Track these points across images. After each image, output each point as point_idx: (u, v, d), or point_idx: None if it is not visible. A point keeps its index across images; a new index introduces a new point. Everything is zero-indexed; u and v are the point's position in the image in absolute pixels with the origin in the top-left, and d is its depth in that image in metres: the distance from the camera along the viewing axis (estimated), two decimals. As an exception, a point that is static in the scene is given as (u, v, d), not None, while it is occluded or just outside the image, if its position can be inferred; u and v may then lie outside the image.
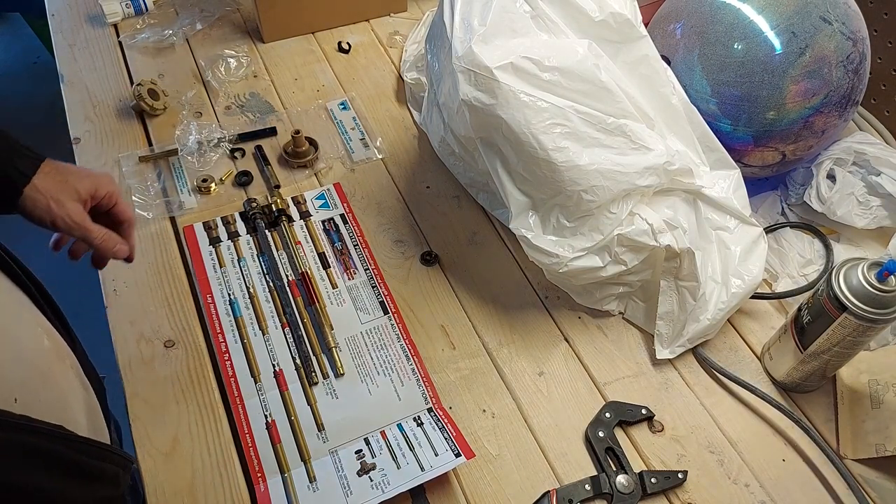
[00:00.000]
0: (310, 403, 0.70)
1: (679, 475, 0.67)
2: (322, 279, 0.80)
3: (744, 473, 0.68)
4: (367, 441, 0.67)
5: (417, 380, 0.72)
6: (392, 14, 1.14)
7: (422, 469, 0.64)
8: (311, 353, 0.73)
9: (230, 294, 0.77)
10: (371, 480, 0.64)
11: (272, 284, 0.78)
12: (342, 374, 0.72)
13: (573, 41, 0.72)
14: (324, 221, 0.85)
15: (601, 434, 0.69)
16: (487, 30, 0.69)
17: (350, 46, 1.08)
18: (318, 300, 0.77)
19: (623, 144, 0.71)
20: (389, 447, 0.66)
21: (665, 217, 0.73)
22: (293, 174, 0.91)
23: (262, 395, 0.70)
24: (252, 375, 0.71)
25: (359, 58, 1.07)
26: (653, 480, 0.66)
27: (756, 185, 0.89)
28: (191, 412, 0.69)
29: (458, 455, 0.65)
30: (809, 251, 0.84)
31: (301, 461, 0.66)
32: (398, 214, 0.87)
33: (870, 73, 0.83)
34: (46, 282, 0.64)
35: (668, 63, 0.81)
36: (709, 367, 0.75)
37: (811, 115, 0.80)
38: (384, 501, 0.62)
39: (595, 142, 0.70)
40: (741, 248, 0.76)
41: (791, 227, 0.86)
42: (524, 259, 0.81)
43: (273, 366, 0.72)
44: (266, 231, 0.83)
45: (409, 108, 1.00)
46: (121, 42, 1.06)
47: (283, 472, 0.65)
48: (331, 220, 0.85)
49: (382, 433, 0.68)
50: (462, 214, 0.88)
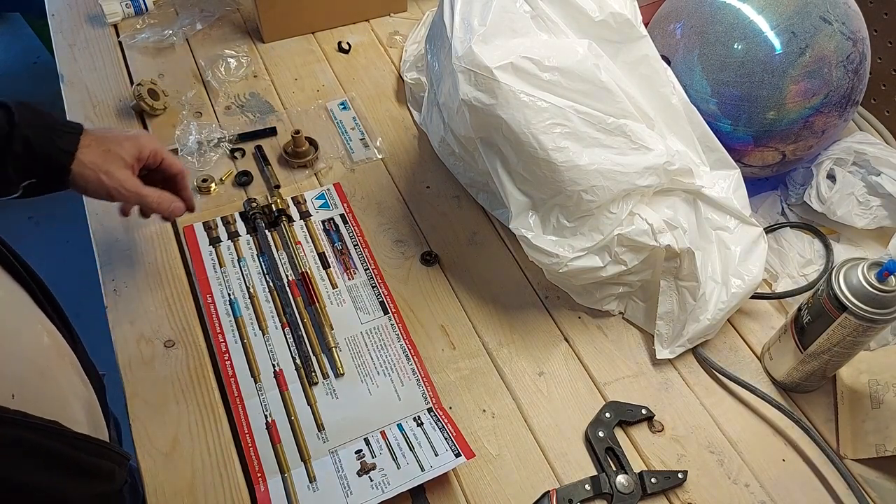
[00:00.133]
0: (310, 403, 0.70)
1: (679, 475, 0.67)
2: (322, 279, 0.80)
3: (744, 473, 0.68)
4: (367, 441, 0.67)
5: (417, 380, 0.72)
6: (392, 14, 1.14)
7: (422, 469, 0.64)
8: (311, 353, 0.73)
9: (230, 294, 0.77)
10: (371, 480, 0.64)
11: (272, 284, 0.78)
12: (342, 374, 0.72)
13: (573, 41, 0.72)
14: (324, 221, 0.85)
15: (601, 434, 0.69)
16: (487, 30, 0.69)
17: (350, 46, 1.08)
18: (318, 300, 0.77)
19: (623, 144, 0.71)
20: (389, 447, 0.66)
21: (665, 217, 0.73)
22: (293, 174, 0.91)
23: (262, 395, 0.70)
24: (252, 375, 0.71)
25: (359, 58, 1.07)
26: (653, 480, 0.66)
27: (756, 185, 0.89)
28: (191, 412, 0.69)
29: (458, 455, 0.65)
30: (809, 251, 0.84)
31: (301, 461, 0.66)
32: (398, 214, 0.87)
33: (870, 73, 0.83)
34: (47, 281, 0.64)
35: (668, 63, 0.81)
36: (709, 367, 0.75)
37: (811, 115, 0.80)
38: (384, 501, 0.62)
39: (595, 142, 0.70)
40: (741, 248, 0.76)
41: (791, 227, 0.86)
42: (524, 259, 0.82)
43: (273, 366, 0.72)
44: (266, 231, 0.83)
45: (409, 108, 1.00)
46: (121, 42, 1.06)
47: (283, 472, 0.65)
48: (331, 220, 0.85)
49: (382, 433, 0.68)
50: (462, 214, 0.88)
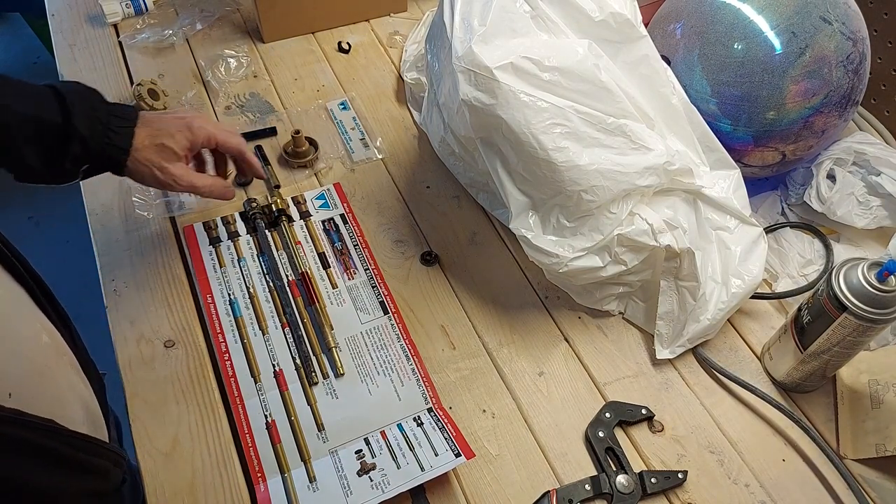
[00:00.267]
0: (310, 403, 0.70)
1: (679, 475, 0.67)
2: (322, 279, 0.80)
3: (744, 473, 0.68)
4: (367, 441, 0.67)
5: (417, 380, 0.72)
6: (392, 14, 1.14)
7: (422, 469, 0.64)
8: (311, 353, 0.73)
9: (230, 294, 0.77)
10: (371, 480, 0.64)
11: (272, 284, 0.78)
12: (342, 374, 0.72)
13: (573, 41, 0.72)
14: (324, 221, 0.85)
15: (601, 434, 0.69)
16: (487, 30, 0.69)
17: (350, 46, 1.08)
18: (318, 300, 0.77)
19: (623, 144, 0.71)
20: (389, 447, 0.66)
21: (665, 217, 0.73)
22: (293, 174, 0.91)
23: (262, 395, 0.70)
24: (252, 375, 0.71)
25: (359, 58, 1.07)
26: (653, 480, 0.66)
27: (756, 185, 0.89)
28: (191, 412, 0.69)
29: (458, 455, 0.65)
30: (809, 251, 0.84)
31: (301, 461, 0.66)
32: (398, 214, 0.87)
33: (870, 73, 0.83)
34: (47, 281, 0.64)
35: (668, 63, 0.81)
36: (709, 367, 0.75)
37: (811, 115, 0.80)
38: (384, 501, 0.62)
39: (595, 142, 0.70)
40: (741, 248, 0.76)
41: (791, 227, 0.86)
42: (524, 259, 0.81)
43: (273, 366, 0.72)
44: (266, 231, 0.83)
45: (409, 108, 1.00)
46: (121, 42, 1.06)
47: (283, 472, 0.65)
48: (331, 220, 0.85)
49: (382, 433, 0.68)
50: (462, 214, 0.88)
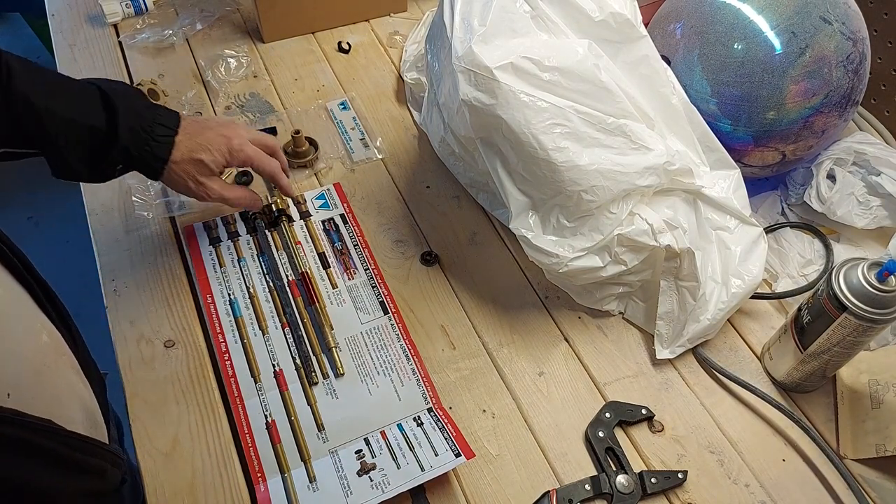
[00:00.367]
0: (310, 403, 0.70)
1: (679, 475, 0.67)
2: (322, 279, 0.80)
3: (744, 473, 0.68)
4: (367, 441, 0.67)
5: (417, 380, 0.72)
6: (392, 14, 1.14)
7: (422, 469, 0.64)
8: (311, 353, 0.73)
9: (230, 294, 0.77)
10: (371, 480, 0.64)
11: (272, 284, 0.78)
12: (342, 374, 0.72)
13: (573, 41, 0.72)
14: (324, 221, 0.85)
15: (601, 434, 0.69)
16: (487, 30, 0.69)
17: (350, 46, 1.08)
18: (318, 300, 0.77)
19: (623, 144, 0.71)
20: (389, 447, 0.66)
21: (665, 217, 0.73)
22: (293, 174, 0.91)
23: (262, 395, 0.70)
24: (252, 375, 0.71)
25: (359, 58, 1.07)
26: (653, 480, 0.66)
27: (756, 185, 0.89)
28: (191, 412, 0.69)
29: (458, 455, 0.65)
30: (809, 251, 0.84)
31: (301, 461, 0.66)
32: (398, 214, 0.87)
33: (870, 73, 0.83)
34: (47, 281, 0.64)
35: (668, 63, 0.81)
36: (709, 367, 0.75)
37: (811, 115, 0.80)
38: (384, 501, 0.62)
39: (595, 142, 0.70)
40: (741, 248, 0.76)
41: (791, 227, 0.86)
42: (524, 259, 0.81)
43: (273, 366, 0.72)
44: (266, 231, 0.83)
45: (409, 108, 1.00)
46: (121, 42, 1.06)
47: (283, 472, 0.65)
48: (331, 220, 0.85)
49: (382, 433, 0.68)
50: (462, 214, 0.88)
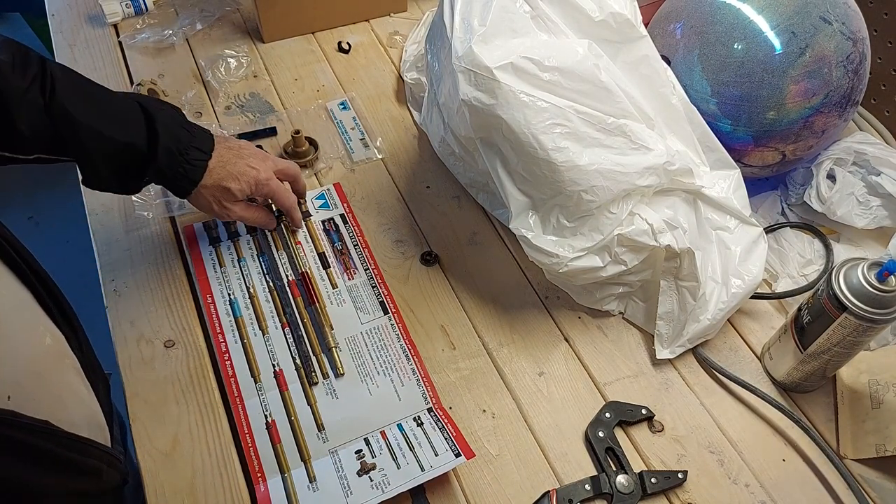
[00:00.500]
0: (310, 403, 0.70)
1: (679, 475, 0.67)
2: (322, 279, 0.80)
3: (744, 473, 0.68)
4: (367, 441, 0.67)
5: (417, 380, 0.72)
6: (392, 14, 1.14)
7: (422, 469, 0.64)
8: (311, 353, 0.73)
9: (230, 294, 0.77)
10: (371, 480, 0.64)
11: (272, 284, 0.78)
12: (342, 374, 0.72)
13: (573, 41, 0.72)
14: (324, 221, 0.85)
15: (601, 434, 0.69)
16: (487, 30, 0.69)
17: (350, 46, 1.08)
18: (318, 300, 0.77)
19: (623, 144, 0.71)
20: (389, 447, 0.66)
21: (665, 217, 0.73)
22: (293, 174, 0.91)
23: (262, 395, 0.70)
24: (252, 375, 0.71)
25: (359, 58, 1.07)
26: (653, 480, 0.66)
27: (756, 185, 0.89)
28: (191, 412, 0.69)
29: (458, 455, 0.65)
30: (809, 251, 0.84)
31: (301, 461, 0.66)
32: (398, 214, 0.87)
33: (870, 73, 0.83)
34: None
35: (668, 63, 0.81)
36: (709, 367, 0.75)
37: (811, 115, 0.80)
38: (384, 501, 0.62)
39: (595, 142, 0.70)
40: (741, 248, 0.76)
41: (791, 227, 0.86)
42: (524, 259, 0.81)
43: (273, 366, 0.72)
44: (266, 231, 0.83)
45: (409, 108, 1.00)
46: (121, 42, 1.06)
47: (283, 472, 0.65)
48: (331, 220, 0.85)
49: (382, 433, 0.68)
50: (462, 214, 0.88)
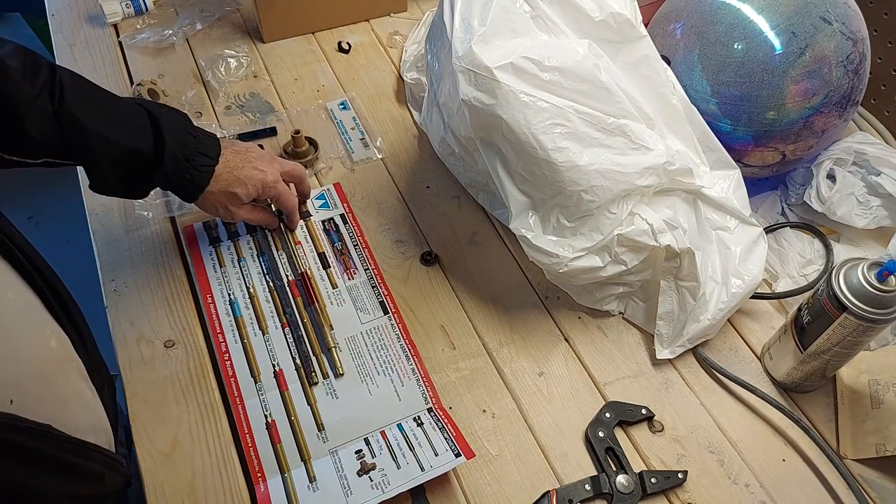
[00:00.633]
0: (310, 403, 0.70)
1: (679, 475, 0.67)
2: (322, 279, 0.80)
3: (744, 473, 0.68)
4: (367, 441, 0.67)
5: (417, 380, 0.72)
6: (392, 14, 1.14)
7: (422, 469, 0.64)
8: (311, 353, 0.73)
9: (230, 294, 0.77)
10: (371, 480, 0.64)
11: (272, 284, 0.78)
12: (342, 374, 0.72)
13: (573, 41, 0.72)
14: (324, 221, 0.85)
15: (601, 434, 0.69)
16: (487, 30, 0.69)
17: (350, 46, 1.08)
18: (318, 300, 0.77)
19: (623, 144, 0.71)
20: (389, 447, 0.66)
21: (665, 217, 0.73)
22: (293, 174, 0.91)
23: (262, 395, 0.70)
24: (252, 375, 0.71)
25: (359, 58, 1.07)
26: (653, 480, 0.66)
27: (756, 185, 0.89)
28: (191, 412, 0.69)
29: (458, 455, 0.65)
30: (809, 251, 0.84)
31: (301, 461, 0.66)
32: (398, 214, 0.87)
33: (870, 73, 0.83)
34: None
35: (668, 63, 0.81)
36: (709, 367, 0.75)
37: (811, 115, 0.80)
38: (384, 501, 0.62)
39: (595, 142, 0.70)
40: (741, 248, 0.76)
41: (791, 227, 0.86)
42: (524, 259, 0.81)
43: (273, 366, 0.72)
44: (266, 231, 0.83)
45: (409, 108, 1.00)
46: (121, 42, 1.06)
47: (283, 472, 0.65)
48: (331, 220, 0.85)
49: (382, 433, 0.68)
50: (462, 214, 0.88)
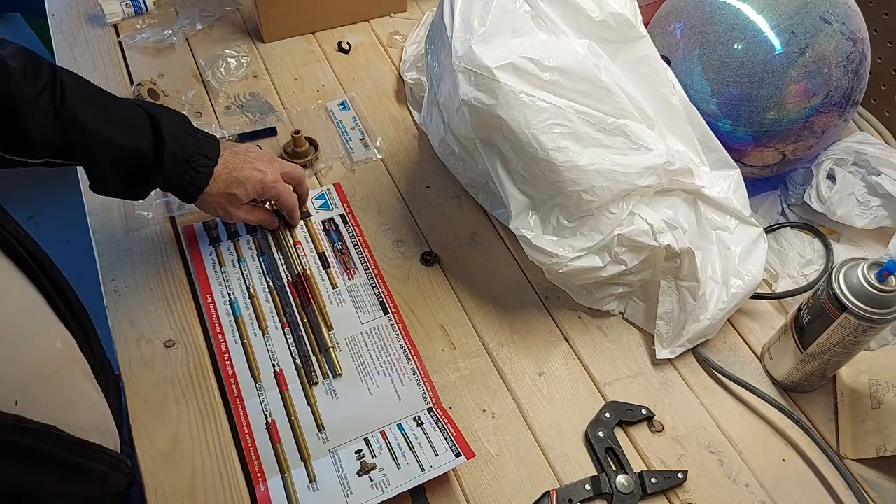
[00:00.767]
0: (310, 403, 0.70)
1: (679, 475, 0.67)
2: (322, 279, 0.80)
3: (744, 473, 0.68)
4: (367, 441, 0.67)
5: (417, 380, 0.72)
6: (392, 14, 1.14)
7: (422, 469, 0.64)
8: (311, 353, 0.73)
9: (230, 294, 0.77)
10: (371, 480, 0.64)
11: (272, 284, 0.78)
12: (342, 374, 0.72)
13: (573, 41, 0.72)
14: (324, 221, 0.85)
15: (601, 434, 0.69)
16: (487, 30, 0.69)
17: (350, 46, 1.08)
18: (318, 300, 0.77)
19: (623, 144, 0.71)
20: (389, 447, 0.66)
21: (665, 217, 0.73)
22: (293, 174, 0.91)
23: (262, 395, 0.70)
24: (252, 375, 0.71)
25: (359, 58, 1.07)
26: (653, 480, 0.66)
27: (756, 185, 0.89)
28: (191, 412, 0.69)
29: (458, 455, 0.65)
30: (809, 251, 0.84)
31: (301, 461, 0.66)
32: (398, 214, 0.87)
33: (870, 73, 0.83)
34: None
35: (668, 63, 0.81)
36: (709, 367, 0.75)
37: (811, 115, 0.80)
38: (384, 501, 0.62)
39: (595, 142, 0.70)
40: (741, 248, 0.76)
41: (791, 227, 0.86)
42: (524, 259, 0.81)
43: (273, 366, 0.72)
44: (266, 231, 0.83)
45: (409, 108, 1.00)
46: (121, 42, 1.06)
47: (283, 472, 0.65)
48: (331, 220, 0.85)
49: (382, 433, 0.68)
50: (462, 214, 0.88)
